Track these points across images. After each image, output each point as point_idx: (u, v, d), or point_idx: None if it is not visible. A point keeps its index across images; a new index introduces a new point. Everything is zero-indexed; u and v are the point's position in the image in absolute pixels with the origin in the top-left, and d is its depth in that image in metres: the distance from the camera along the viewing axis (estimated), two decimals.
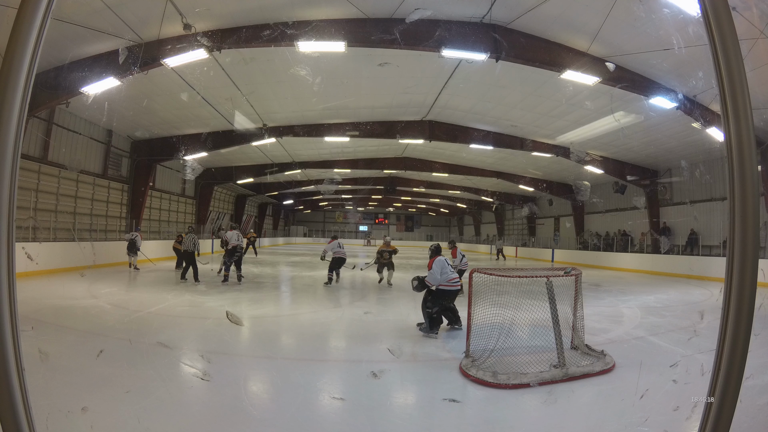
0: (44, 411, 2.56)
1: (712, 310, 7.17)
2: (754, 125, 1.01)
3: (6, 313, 0.91)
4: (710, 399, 1.03)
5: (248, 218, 30.92)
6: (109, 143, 14.58)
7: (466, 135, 14.83)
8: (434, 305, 5.30)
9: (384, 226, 47.54)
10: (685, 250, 15.51)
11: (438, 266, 5.36)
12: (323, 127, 14.32)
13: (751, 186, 0.99)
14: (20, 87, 0.93)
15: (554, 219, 26.61)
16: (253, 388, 3.61)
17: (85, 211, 13.83)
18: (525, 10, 7.76)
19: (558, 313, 4.10)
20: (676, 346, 4.93)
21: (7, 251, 0.92)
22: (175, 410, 3.01)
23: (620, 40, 8.10)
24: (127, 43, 8.16)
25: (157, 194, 18.75)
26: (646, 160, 16.01)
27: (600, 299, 6.76)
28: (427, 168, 21.18)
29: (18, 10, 0.93)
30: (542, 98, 11.34)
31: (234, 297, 8.06)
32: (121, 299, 7.27)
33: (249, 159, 19.28)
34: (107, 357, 3.92)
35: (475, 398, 3.44)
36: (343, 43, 8.00)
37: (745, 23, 6.28)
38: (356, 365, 4.17)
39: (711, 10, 1.01)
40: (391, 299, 8.22)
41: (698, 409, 2.08)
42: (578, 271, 4.69)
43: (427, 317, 5.32)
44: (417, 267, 15.16)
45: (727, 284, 1.02)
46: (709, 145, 12.73)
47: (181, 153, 14.99)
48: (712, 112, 9.95)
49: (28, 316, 5.47)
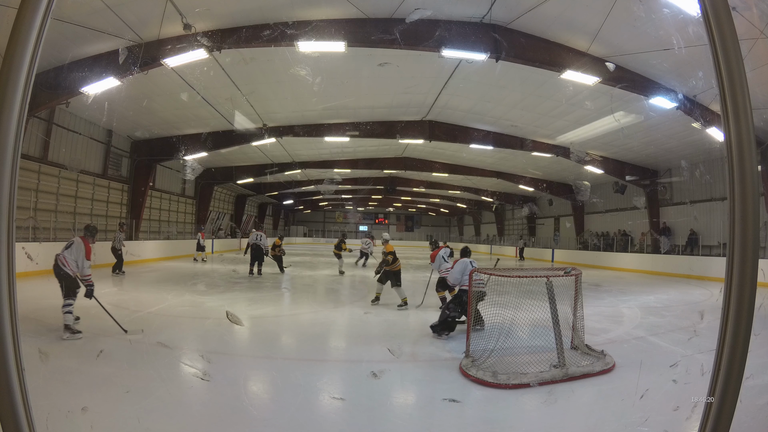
0: (44, 411, 2.56)
1: (712, 310, 7.17)
2: (754, 125, 1.01)
3: (6, 313, 0.91)
4: (710, 399, 1.03)
5: (248, 218, 30.92)
6: (109, 143, 14.58)
7: (466, 135, 14.83)
8: (457, 308, 5.18)
9: (384, 226, 47.53)
10: (685, 250, 15.51)
11: (460, 267, 5.30)
12: (323, 127, 14.32)
13: (751, 186, 0.99)
14: (20, 87, 0.93)
15: (554, 219, 26.61)
16: (253, 388, 3.61)
17: (85, 211, 13.83)
18: (525, 10, 7.75)
19: (558, 313, 4.11)
20: (676, 346, 4.93)
21: (7, 251, 0.92)
22: (175, 410, 3.01)
23: (620, 40, 8.10)
24: (127, 43, 8.16)
25: (157, 194, 18.75)
26: (646, 160, 16.01)
27: (600, 299, 6.76)
28: (427, 168, 21.18)
29: (18, 10, 0.93)
30: (542, 98, 11.34)
31: (234, 297, 8.06)
32: (121, 299, 7.26)
33: (249, 159, 19.28)
34: (107, 357, 3.92)
35: (475, 398, 3.44)
36: (343, 43, 8.00)
37: (745, 23, 6.28)
38: (356, 365, 4.17)
39: (711, 10, 1.01)
40: (392, 299, 8.21)
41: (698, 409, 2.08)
42: (578, 271, 4.68)
43: (444, 318, 5.19)
44: (417, 267, 15.16)
45: (727, 284, 1.02)
46: (709, 145, 12.73)
47: (181, 153, 15.00)
48: (712, 112, 9.95)
49: (28, 316, 5.47)
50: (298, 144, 16.76)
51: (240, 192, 27.36)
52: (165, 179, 19.16)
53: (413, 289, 8.23)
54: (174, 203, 20.36)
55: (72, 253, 4.92)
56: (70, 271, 4.87)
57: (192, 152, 15.24)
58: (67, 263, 4.87)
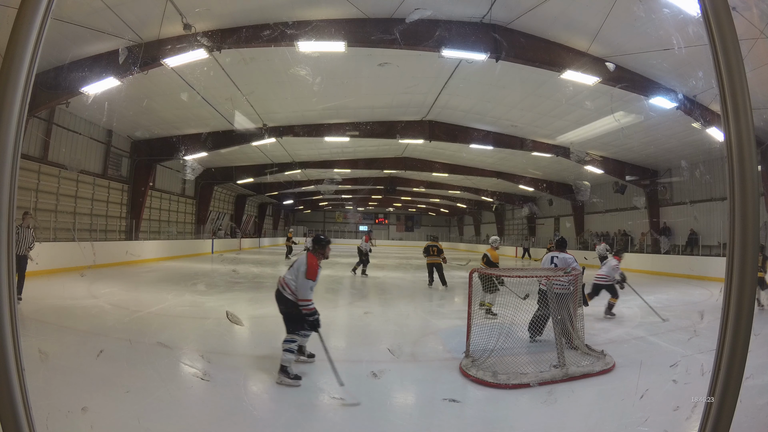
0: (44, 411, 2.56)
1: (712, 310, 7.17)
2: (754, 125, 1.01)
3: (6, 313, 0.91)
4: (710, 399, 1.03)
5: (248, 218, 30.92)
6: (109, 143, 14.58)
7: (466, 135, 14.83)
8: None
9: (384, 226, 47.53)
10: (685, 250, 15.51)
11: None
12: (323, 127, 14.31)
13: (751, 186, 0.99)
14: (20, 87, 0.93)
15: (554, 219, 26.61)
16: (253, 388, 3.60)
17: (85, 211, 13.83)
18: (525, 10, 7.75)
19: (558, 313, 4.11)
20: (676, 346, 4.93)
21: (7, 251, 0.92)
22: (175, 410, 3.01)
23: (620, 40, 8.10)
24: (127, 43, 8.15)
25: (157, 194, 18.75)
26: (646, 160, 16.01)
27: (600, 299, 6.76)
28: (427, 168, 21.18)
29: (18, 10, 0.93)
30: (542, 98, 11.34)
31: (234, 297, 8.06)
32: (121, 299, 7.27)
33: (249, 159, 19.28)
34: (107, 357, 3.92)
35: (475, 398, 3.44)
36: (343, 43, 7.99)
37: (745, 23, 6.28)
38: (356, 365, 4.16)
39: (711, 10, 1.01)
40: (392, 299, 8.22)
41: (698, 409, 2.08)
42: (578, 270, 4.69)
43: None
44: (417, 267, 15.15)
45: (727, 284, 1.02)
46: (709, 145, 12.73)
47: (181, 153, 15.00)
48: (712, 112, 9.95)
49: (28, 316, 5.47)
50: (298, 144, 16.76)
51: (240, 192, 27.35)
52: (165, 179, 19.16)
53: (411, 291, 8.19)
54: (174, 203, 20.36)
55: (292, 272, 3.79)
56: (290, 296, 3.73)
57: (192, 152, 15.23)
58: (287, 286, 3.75)
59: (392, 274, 12.94)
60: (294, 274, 3.71)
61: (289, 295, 3.71)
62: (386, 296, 7.74)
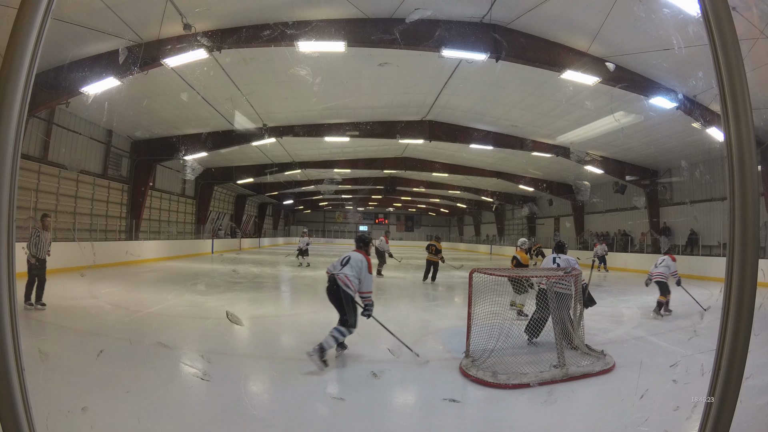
0: (44, 411, 2.56)
1: (711, 310, 7.16)
2: (754, 125, 1.01)
3: (6, 313, 0.91)
4: (710, 399, 1.03)
5: (248, 218, 30.92)
6: (109, 143, 14.58)
7: (466, 135, 14.84)
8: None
9: (384, 226, 47.53)
10: (685, 250, 15.51)
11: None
12: (323, 127, 14.32)
13: (751, 186, 0.99)
14: (20, 87, 0.93)
15: (554, 219, 26.61)
16: (253, 388, 3.60)
17: (85, 211, 13.83)
18: (525, 10, 7.75)
19: (557, 313, 4.11)
20: (676, 346, 4.93)
21: (7, 251, 0.92)
22: (175, 410, 3.01)
23: (620, 40, 8.10)
24: (127, 43, 8.16)
25: (157, 194, 18.76)
26: (646, 160, 16.02)
27: (600, 299, 6.75)
28: (427, 168, 21.19)
29: (18, 10, 0.93)
30: (542, 98, 11.34)
31: (234, 297, 8.05)
32: (121, 299, 7.27)
33: (249, 159, 19.28)
34: (107, 357, 3.92)
35: (475, 398, 3.44)
36: (343, 43, 8.00)
37: (745, 23, 6.28)
38: (356, 365, 4.16)
39: (711, 10, 1.01)
40: (392, 299, 8.21)
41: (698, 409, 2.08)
42: (578, 270, 4.69)
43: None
44: (417, 267, 15.14)
45: (727, 284, 1.02)
46: (709, 145, 12.74)
47: (181, 153, 15.00)
48: (712, 112, 9.95)
49: (28, 316, 5.47)
50: (298, 144, 16.76)
51: (240, 192, 27.35)
52: (165, 179, 19.16)
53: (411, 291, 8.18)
54: (174, 203, 20.36)
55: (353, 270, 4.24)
56: (351, 291, 4.19)
57: (192, 152, 15.24)
58: (350, 282, 4.18)
59: (392, 274, 12.93)
60: (356, 271, 4.22)
61: (350, 291, 4.18)
62: (386, 296, 7.74)
